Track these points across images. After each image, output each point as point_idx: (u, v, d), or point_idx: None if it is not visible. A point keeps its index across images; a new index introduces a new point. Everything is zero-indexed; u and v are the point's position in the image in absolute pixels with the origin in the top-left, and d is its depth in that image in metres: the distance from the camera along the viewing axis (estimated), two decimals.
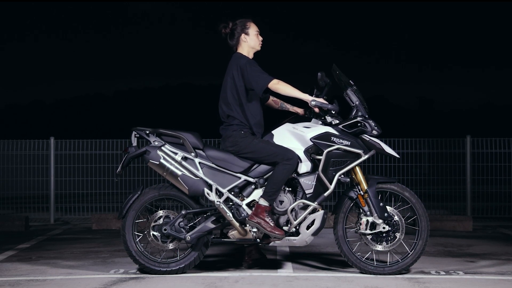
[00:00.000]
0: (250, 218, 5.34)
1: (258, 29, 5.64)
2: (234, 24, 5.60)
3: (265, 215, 5.31)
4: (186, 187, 5.47)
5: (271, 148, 5.39)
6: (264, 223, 5.29)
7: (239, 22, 5.60)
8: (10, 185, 10.42)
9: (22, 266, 6.02)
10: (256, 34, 5.62)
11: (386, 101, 42.70)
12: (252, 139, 5.43)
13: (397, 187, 5.58)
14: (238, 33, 5.58)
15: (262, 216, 5.31)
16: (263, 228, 5.28)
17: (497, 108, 41.33)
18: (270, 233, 5.27)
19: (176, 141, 5.59)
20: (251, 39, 5.60)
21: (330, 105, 5.44)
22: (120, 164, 5.61)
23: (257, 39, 5.62)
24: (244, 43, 5.59)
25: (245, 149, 5.42)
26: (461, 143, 10.11)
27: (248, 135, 5.46)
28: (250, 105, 5.52)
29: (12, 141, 10.32)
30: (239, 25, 5.59)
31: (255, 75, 5.39)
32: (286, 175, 5.34)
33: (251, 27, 5.60)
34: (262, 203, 5.34)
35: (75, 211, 10.31)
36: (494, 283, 5.26)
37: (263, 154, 5.41)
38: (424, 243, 5.55)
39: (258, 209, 5.33)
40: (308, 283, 5.22)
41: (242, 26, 5.58)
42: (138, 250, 5.54)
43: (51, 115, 38.81)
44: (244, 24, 5.59)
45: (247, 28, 5.59)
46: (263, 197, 5.35)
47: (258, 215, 5.31)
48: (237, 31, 5.59)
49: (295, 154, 5.37)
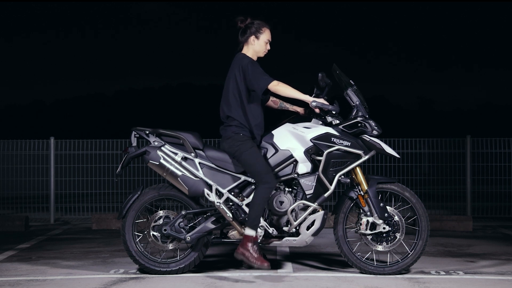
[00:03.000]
0: (237, 250, 5.34)
1: (270, 38, 5.56)
2: (251, 22, 5.53)
3: (249, 246, 5.27)
4: (186, 187, 5.47)
5: (256, 166, 5.32)
6: (248, 254, 5.26)
7: (256, 23, 5.53)
8: (10, 185, 10.42)
9: (22, 266, 6.02)
10: (266, 42, 5.55)
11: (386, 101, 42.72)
12: (247, 147, 5.37)
13: (398, 187, 5.58)
14: (250, 33, 5.52)
15: (246, 247, 5.29)
16: (247, 259, 5.27)
17: (497, 108, 41.36)
18: (255, 264, 5.24)
19: (176, 141, 5.59)
20: (259, 44, 5.54)
21: (330, 106, 5.43)
22: (120, 164, 5.61)
23: (264, 46, 5.56)
24: (251, 45, 5.54)
25: (239, 155, 5.39)
26: (461, 143, 10.11)
27: (246, 139, 5.42)
28: (251, 107, 5.49)
29: (12, 141, 10.32)
30: (254, 26, 5.52)
31: (256, 76, 5.37)
32: (263, 199, 5.30)
33: (264, 33, 5.53)
34: (246, 233, 5.32)
35: (75, 211, 10.31)
36: (494, 283, 5.26)
37: (248, 168, 5.39)
38: (424, 243, 5.55)
39: (244, 239, 5.32)
40: (308, 283, 5.22)
41: (257, 28, 5.52)
42: (138, 250, 5.54)
43: (51, 115, 38.83)
44: (259, 27, 5.52)
45: (260, 32, 5.52)
46: (247, 226, 5.33)
47: (243, 246, 5.30)
48: (250, 30, 5.52)
49: (274, 180, 5.33)
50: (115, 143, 10.16)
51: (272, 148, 5.51)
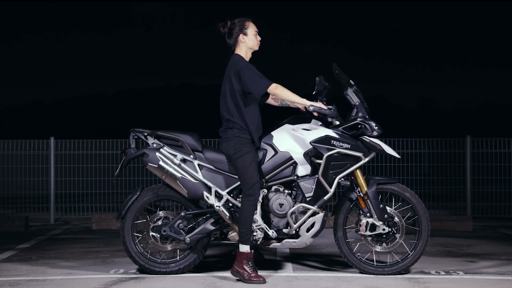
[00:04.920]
0: (232, 268, 5.34)
1: (256, 29, 5.53)
2: (233, 23, 5.50)
3: (244, 263, 5.28)
4: (185, 190, 5.45)
5: (245, 175, 5.30)
6: (243, 271, 5.26)
7: (238, 22, 5.50)
8: (10, 185, 10.42)
9: (22, 266, 6.02)
10: (255, 34, 5.52)
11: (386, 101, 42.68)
12: (243, 153, 5.33)
13: (398, 187, 5.57)
14: (236, 33, 5.48)
15: (241, 264, 5.29)
16: (242, 277, 5.27)
17: (497, 108, 41.31)
18: (249, 280, 5.23)
19: (175, 143, 5.57)
20: (249, 39, 5.50)
21: (327, 111, 5.40)
22: (119, 165, 5.60)
23: (255, 39, 5.52)
24: (242, 44, 5.51)
25: (234, 159, 5.36)
26: (461, 143, 10.11)
27: (244, 142, 5.38)
28: (249, 109, 5.44)
29: (12, 141, 10.32)
30: (237, 25, 5.48)
31: (253, 80, 5.32)
32: (249, 213, 5.29)
33: (249, 27, 5.49)
34: (240, 250, 5.33)
35: (75, 211, 10.31)
36: (494, 283, 5.26)
37: (238, 174, 5.38)
38: (424, 244, 5.54)
39: (238, 257, 5.32)
40: (308, 283, 5.22)
41: (241, 26, 5.48)
42: (138, 251, 5.54)
43: (51, 115, 38.79)
44: (242, 24, 5.49)
45: (245, 28, 5.49)
46: (240, 242, 5.33)
47: (239, 263, 5.30)
48: (235, 31, 5.48)
49: (258, 193, 5.31)
50: (115, 143, 10.15)
51: (271, 149, 5.50)
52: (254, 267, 5.29)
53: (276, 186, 5.50)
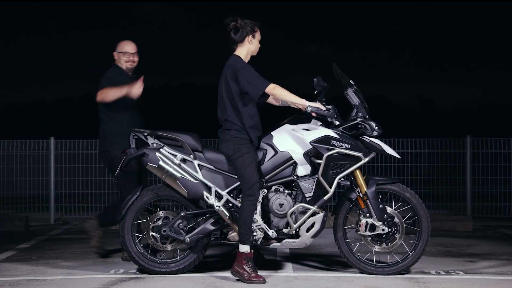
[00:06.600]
0: (232, 268, 5.35)
1: (260, 37, 5.61)
2: (244, 22, 5.50)
3: (244, 263, 5.28)
4: (185, 190, 5.45)
5: (245, 175, 5.30)
6: (243, 271, 5.26)
7: (249, 23, 5.51)
8: (10, 185, 10.42)
9: (22, 266, 6.02)
10: (259, 40, 5.58)
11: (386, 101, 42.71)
12: (242, 153, 5.33)
13: (398, 187, 5.57)
14: (246, 33, 5.49)
15: (241, 264, 5.29)
16: (242, 277, 5.27)
17: (497, 108, 41.34)
18: (249, 280, 5.23)
19: (175, 143, 5.57)
20: (255, 43, 5.54)
21: (326, 112, 5.41)
22: (119, 166, 5.60)
23: (258, 45, 5.58)
24: (247, 45, 5.51)
25: (234, 159, 5.36)
26: (461, 143, 10.11)
27: (243, 143, 5.38)
28: (247, 108, 5.43)
29: (12, 141, 10.31)
30: (249, 25, 5.50)
31: (251, 80, 5.32)
32: (249, 213, 5.29)
33: (258, 32, 5.54)
34: (240, 250, 5.33)
35: (75, 211, 10.31)
36: (494, 283, 5.26)
37: (237, 174, 5.38)
38: (424, 244, 5.54)
39: (238, 257, 5.33)
40: (308, 283, 5.22)
41: (252, 28, 5.50)
42: (138, 251, 5.54)
43: (51, 115, 38.79)
44: (253, 27, 5.51)
45: (255, 31, 5.52)
46: (240, 242, 5.34)
47: (239, 264, 5.30)
48: (246, 30, 5.49)
49: (258, 193, 5.32)
50: None
51: (271, 149, 5.50)
52: (254, 267, 5.29)
53: (276, 186, 5.50)
